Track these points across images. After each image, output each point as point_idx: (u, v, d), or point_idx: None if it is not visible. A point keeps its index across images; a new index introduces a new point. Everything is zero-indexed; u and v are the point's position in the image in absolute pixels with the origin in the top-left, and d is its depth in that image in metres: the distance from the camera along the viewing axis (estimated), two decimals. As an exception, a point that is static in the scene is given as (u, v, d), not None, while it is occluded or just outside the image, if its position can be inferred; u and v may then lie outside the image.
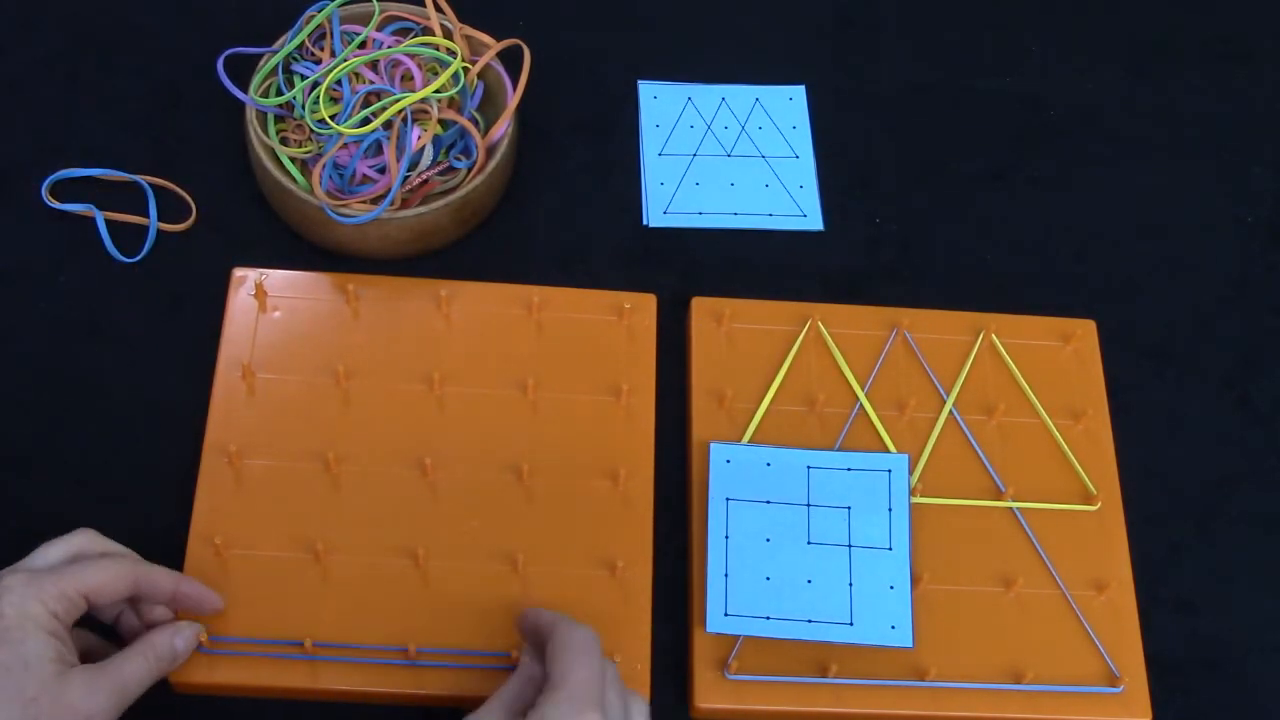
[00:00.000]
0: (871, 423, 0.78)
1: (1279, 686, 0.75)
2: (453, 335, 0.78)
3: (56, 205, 0.81)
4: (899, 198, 0.88)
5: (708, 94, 0.91)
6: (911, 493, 0.75)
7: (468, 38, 0.83)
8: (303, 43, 0.81)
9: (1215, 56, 0.97)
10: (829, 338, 0.80)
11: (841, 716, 0.71)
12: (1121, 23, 0.97)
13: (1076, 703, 0.71)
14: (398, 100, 0.78)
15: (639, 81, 0.91)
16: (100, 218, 0.80)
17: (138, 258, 0.80)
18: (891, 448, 0.77)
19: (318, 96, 0.78)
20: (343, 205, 0.77)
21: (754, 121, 0.90)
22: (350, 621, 0.70)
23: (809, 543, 0.73)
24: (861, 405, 0.78)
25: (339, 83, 0.79)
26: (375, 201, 0.77)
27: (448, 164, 0.80)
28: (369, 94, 0.79)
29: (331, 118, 0.78)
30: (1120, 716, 0.71)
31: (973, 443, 0.78)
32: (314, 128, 0.78)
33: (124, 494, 0.73)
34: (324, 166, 0.77)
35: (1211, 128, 0.93)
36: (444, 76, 0.79)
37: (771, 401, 0.78)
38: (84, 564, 0.63)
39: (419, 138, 0.78)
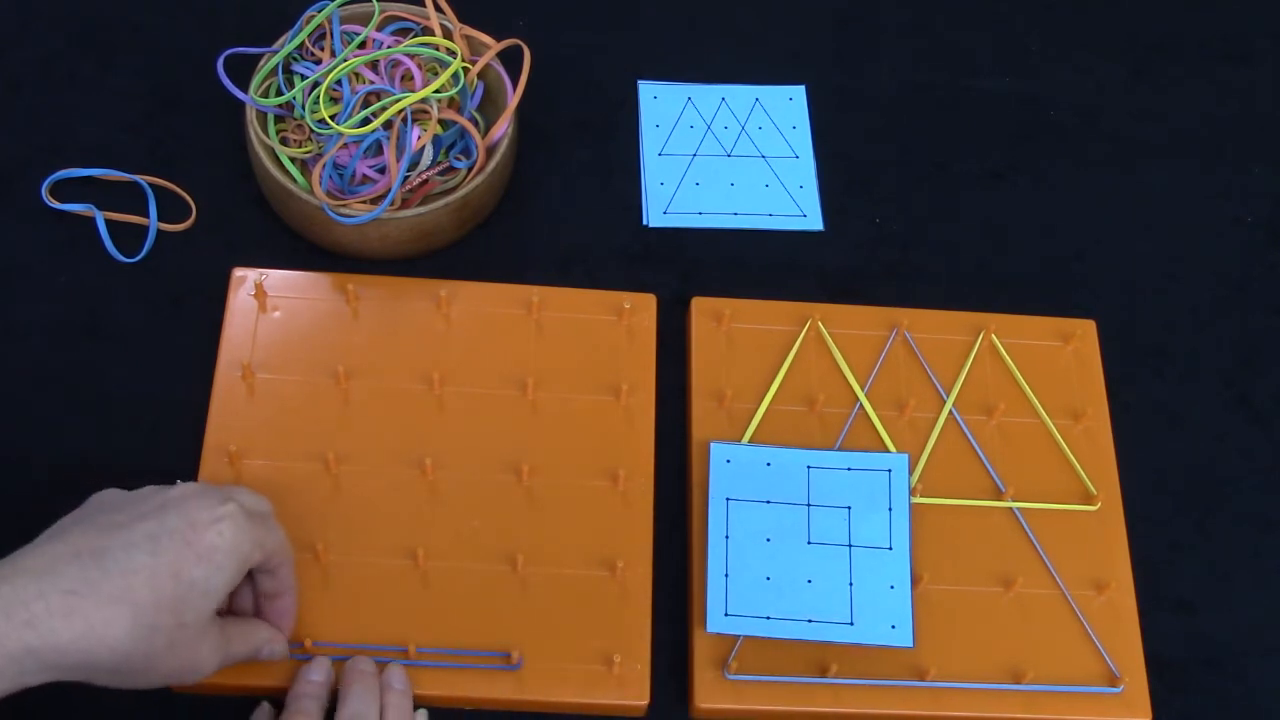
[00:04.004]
0: (871, 423, 0.78)
1: (1279, 686, 0.75)
2: (453, 335, 0.78)
3: (56, 205, 0.81)
4: (899, 198, 0.88)
5: (708, 94, 0.91)
6: (911, 493, 0.75)
7: (468, 38, 0.83)
8: (303, 43, 0.81)
9: (1215, 56, 0.97)
10: (829, 338, 0.80)
11: (841, 716, 0.71)
12: (1121, 23, 0.97)
13: (1076, 703, 0.71)
14: (398, 100, 0.78)
15: (639, 81, 0.91)
16: (100, 218, 0.80)
17: (138, 258, 0.80)
18: (891, 448, 0.77)
19: (318, 96, 0.78)
20: (343, 205, 0.77)
21: (754, 121, 0.90)
22: (350, 621, 0.70)
23: (809, 542, 0.73)
24: (861, 405, 0.78)
25: (339, 83, 0.79)
26: (375, 201, 0.77)
27: (448, 164, 0.80)
28: (369, 94, 0.79)
29: (331, 118, 0.78)
30: (1120, 716, 0.71)
31: (973, 443, 0.78)
32: (314, 128, 0.78)
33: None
34: (324, 166, 0.77)
35: (1211, 128, 0.93)
36: (444, 76, 0.79)
37: (771, 401, 0.78)
38: (273, 524, 0.64)
39: (419, 138, 0.78)
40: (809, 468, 0.75)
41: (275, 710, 0.66)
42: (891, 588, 0.72)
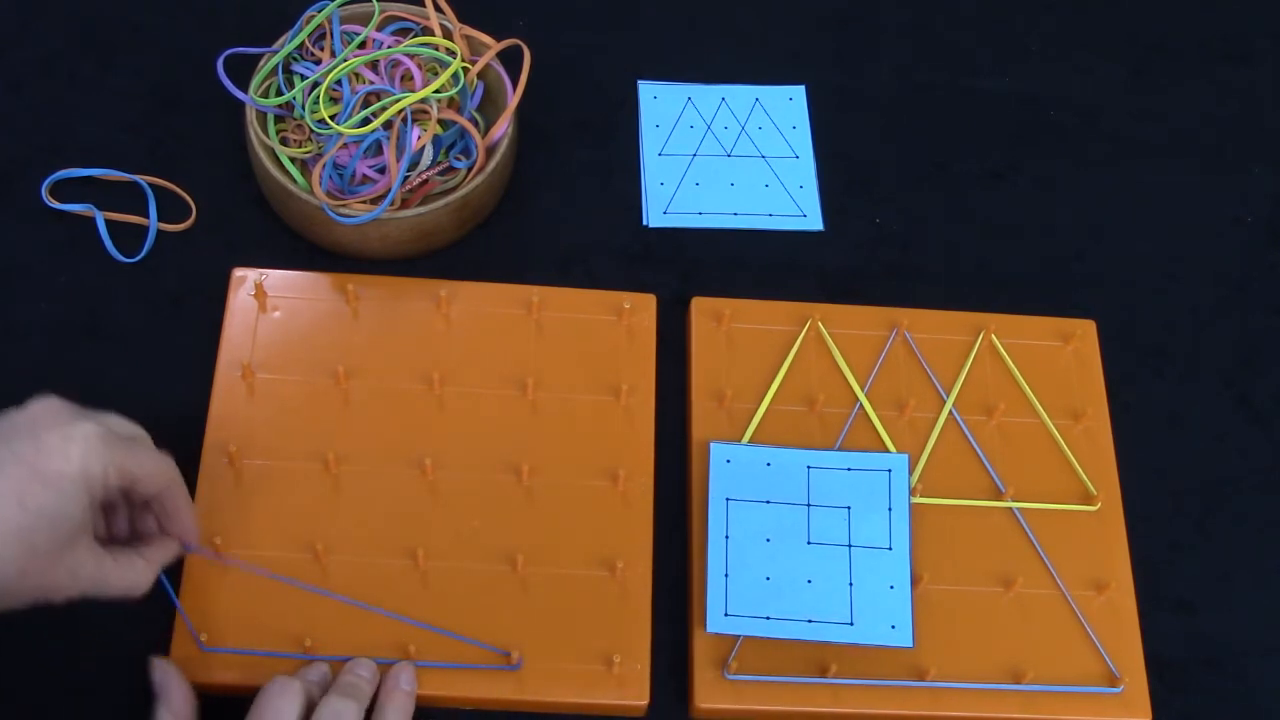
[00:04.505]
0: (871, 423, 0.78)
1: (1279, 686, 0.75)
2: (453, 335, 0.78)
3: (56, 205, 0.81)
4: (899, 198, 0.88)
5: (708, 94, 0.91)
6: (911, 493, 0.75)
7: (468, 38, 0.83)
8: (303, 43, 0.81)
9: (1215, 56, 0.97)
10: (829, 338, 0.80)
11: (841, 716, 0.71)
12: (1121, 23, 0.97)
13: (1076, 703, 0.71)
14: (398, 100, 0.78)
15: (639, 81, 0.91)
16: (100, 218, 0.80)
17: (138, 258, 0.80)
18: (891, 448, 0.77)
19: (318, 96, 0.78)
20: (343, 205, 0.77)
21: (754, 121, 0.90)
22: (350, 622, 0.69)
23: (809, 543, 0.73)
24: (861, 405, 0.78)
25: (339, 83, 0.79)
26: (375, 201, 0.77)
27: (448, 164, 0.80)
28: (369, 94, 0.79)
29: (331, 118, 0.78)
30: (1120, 716, 0.71)
31: (973, 443, 0.78)
32: (314, 128, 0.78)
33: (124, 494, 0.73)
34: (324, 166, 0.77)
35: (1211, 128, 0.93)
36: (444, 76, 0.79)
37: (771, 401, 0.78)
38: (144, 448, 0.62)
39: (419, 138, 0.78)
40: (809, 468, 0.75)
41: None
42: (891, 588, 0.72)
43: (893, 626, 0.71)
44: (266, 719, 0.62)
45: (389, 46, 0.81)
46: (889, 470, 0.75)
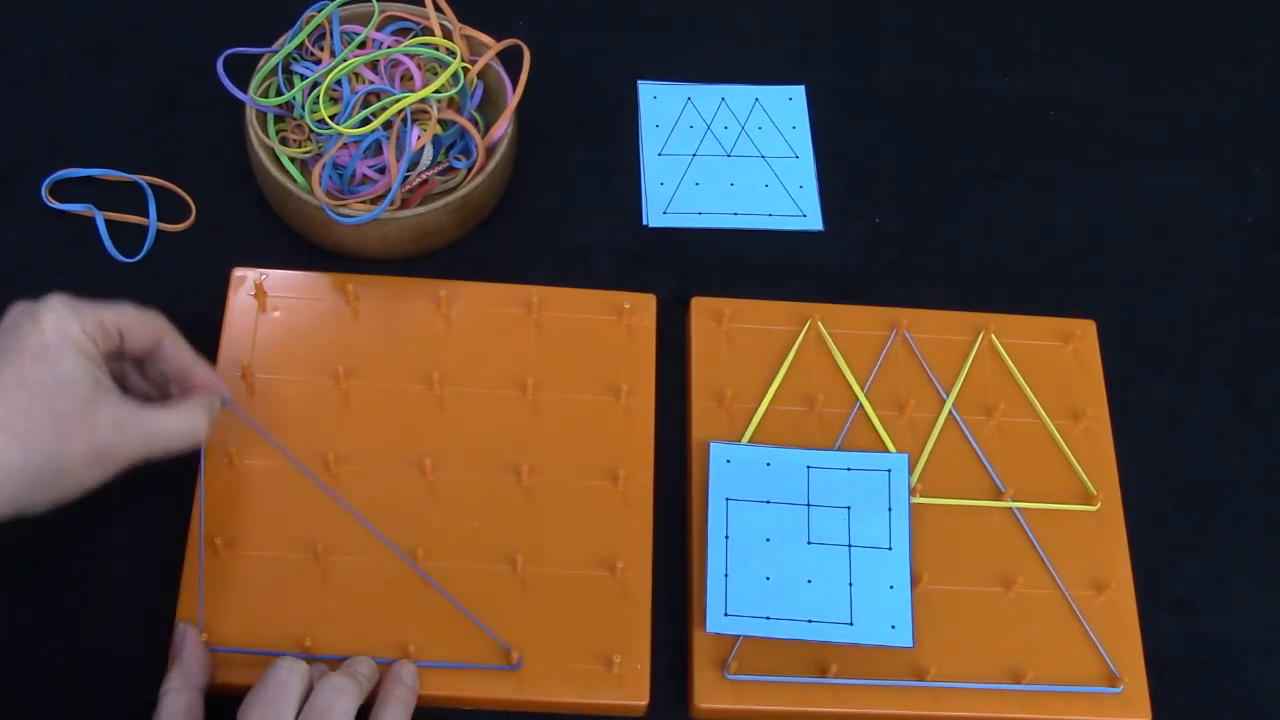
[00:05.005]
0: (871, 423, 0.78)
1: (1279, 686, 0.75)
2: (453, 335, 0.78)
3: (56, 205, 0.81)
4: (899, 198, 0.88)
5: (708, 94, 0.91)
6: (911, 493, 0.75)
7: (467, 38, 0.83)
8: (303, 43, 0.81)
9: (1215, 56, 0.97)
10: (829, 338, 0.80)
11: (841, 716, 0.71)
12: (1121, 23, 0.97)
13: (1076, 703, 0.71)
14: (398, 100, 0.78)
15: (639, 81, 0.91)
16: (100, 218, 0.80)
17: (138, 258, 0.80)
18: (891, 448, 0.77)
19: (318, 96, 0.78)
20: (343, 205, 0.77)
21: (754, 121, 0.90)
22: (350, 621, 0.70)
23: (809, 542, 0.73)
24: (861, 405, 0.78)
25: (339, 83, 0.79)
26: (375, 201, 0.77)
27: (447, 164, 0.80)
28: (369, 94, 0.79)
29: (331, 118, 0.78)
30: (1120, 716, 0.71)
31: (972, 443, 0.78)
32: (314, 128, 0.78)
33: (123, 494, 0.73)
34: (324, 166, 0.78)
35: (1211, 128, 0.93)
36: (444, 76, 0.79)
37: (771, 401, 0.78)
38: (121, 304, 0.66)
39: (419, 138, 0.78)
40: (809, 468, 0.75)
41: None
42: (891, 588, 0.72)
43: (893, 626, 0.71)
44: (271, 694, 0.62)
45: (389, 46, 0.81)
46: (889, 470, 0.75)
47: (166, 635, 0.68)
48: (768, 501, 0.74)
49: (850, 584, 0.72)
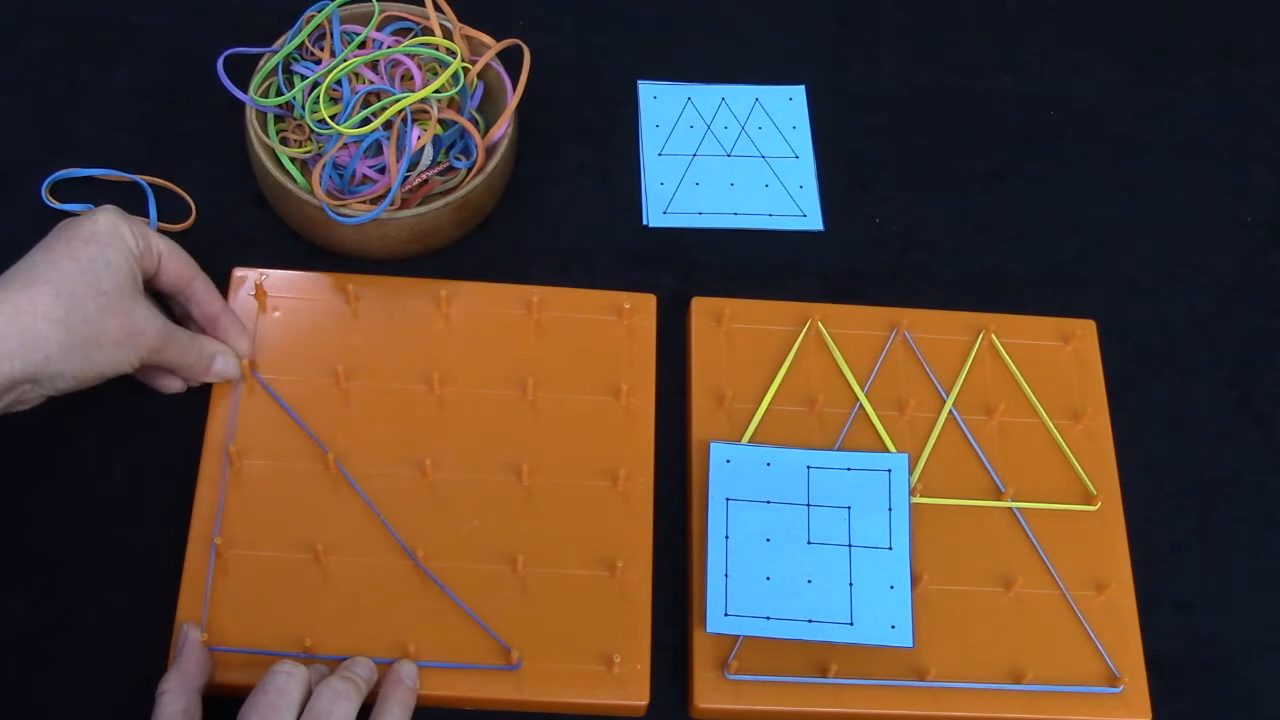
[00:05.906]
0: (871, 423, 0.78)
1: (1279, 686, 0.75)
2: (453, 335, 0.78)
3: (56, 205, 0.81)
4: (899, 198, 0.88)
5: (708, 94, 0.91)
6: (911, 493, 0.75)
7: (468, 38, 0.83)
8: (303, 43, 0.81)
9: (1215, 56, 0.97)
10: (829, 338, 0.80)
11: (841, 716, 0.71)
12: (1121, 23, 0.97)
13: (1076, 703, 0.71)
14: (398, 100, 0.78)
15: (639, 81, 0.91)
16: (100, 218, 0.80)
17: (138, 258, 0.80)
18: (891, 448, 0.77)
19: (318, 96, 0.78)
20: (343, 205, 0.77)
21: (754, 121, 0.90)
22: (350, 621, 0.70)
23: (809, 543, 0.73)
24: (861, 405, 0.78)
25: (339, 83, 0.79)
26: (375, 201, 0.77)
27: (448, 164, 0.80)
28: (369, 94, 0.79)
29: (331, 118, 0.78)
30: (1120, 716, 0.71)
31: (973, 443, 0.78)
32: (314, 128, 0.78)
33: (123, 494, 0.73)
34: (324, 167, 0.77)
35: (1211, 128, 0.93)
36: (444, 76, 0.79)
37: (771, 401, 0.78)
38: (164, 238, 0.72)
39: (419, 138, 0.78)
40: (809, 468, 0.75)
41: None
42: (891, 588, 0.72)
43: (893, 626, 0.71)
44: (269, 700, 0.62)
45: (389, 46, 0.81)
46: (889, 470, 0.75)
47: (167, 635, 0.68)
48: (768, 501, 0.74)
49: (850, 584, 0.72)
